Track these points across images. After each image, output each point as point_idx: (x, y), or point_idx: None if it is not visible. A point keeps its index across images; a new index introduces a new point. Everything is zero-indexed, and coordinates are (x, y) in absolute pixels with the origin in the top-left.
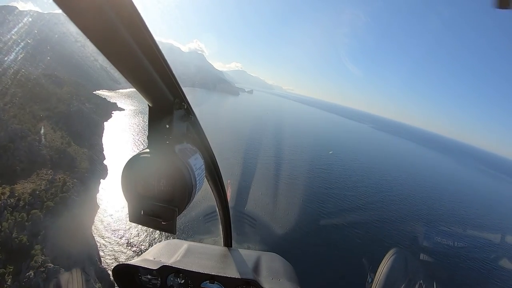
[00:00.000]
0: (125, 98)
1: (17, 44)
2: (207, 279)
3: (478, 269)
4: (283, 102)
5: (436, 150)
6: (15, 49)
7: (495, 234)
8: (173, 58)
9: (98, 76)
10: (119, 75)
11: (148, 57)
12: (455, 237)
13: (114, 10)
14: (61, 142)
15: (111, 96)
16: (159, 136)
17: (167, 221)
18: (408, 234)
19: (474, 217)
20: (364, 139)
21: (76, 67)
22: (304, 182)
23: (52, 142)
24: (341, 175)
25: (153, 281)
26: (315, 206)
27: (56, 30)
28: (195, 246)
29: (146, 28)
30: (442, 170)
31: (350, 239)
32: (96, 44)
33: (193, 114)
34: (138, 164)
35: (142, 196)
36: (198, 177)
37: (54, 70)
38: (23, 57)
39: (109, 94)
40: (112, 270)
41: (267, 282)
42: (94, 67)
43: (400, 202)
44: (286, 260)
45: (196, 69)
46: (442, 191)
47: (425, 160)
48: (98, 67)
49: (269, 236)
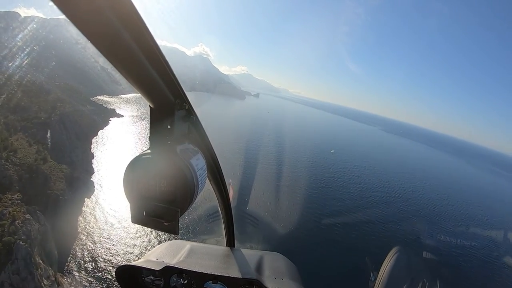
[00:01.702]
0: (125, 104)
1: (22, 51)
2: (210, 279)
3: (482, 267)
4: (290, 105)
5: (446, 151)
6: (20, 55)
7: (499, 232)
8: (178, 62)
9: (99, 80)
10: (120, 77)
11: (148, 58)
12: (458, 235)
13: (115, 12)
14: (35, 158)
15: (112, 101)
16: (160, 136)
17: (170, 222)
18: (412, 232)
19: (481, 216)
20: (372, 141)
21: (77, 72)
22: (307, 182)
23: (24, 159)
24: (346, 175)
25: (156, 282)
26: (318, 205)
27: (58, 35)
28: (198, 247)
29: (147, 29)
30: (451, 171)
31: (352, 238)
32: (97, 46)
33: (194, 114)
34: (140, 165)
35: (144, 197)
36: (200, 177)
37: (54, 76)
38: (27, 63)
39: (110, 100)
40: (115, 271)
41: (270, 282)
42: (96, 71)
43: (404, 201)
44: (289, 260)
45: (201, 73)
46: (449, 190)
47: (436, 162)
48: (99, 69)
49: (272, 235)
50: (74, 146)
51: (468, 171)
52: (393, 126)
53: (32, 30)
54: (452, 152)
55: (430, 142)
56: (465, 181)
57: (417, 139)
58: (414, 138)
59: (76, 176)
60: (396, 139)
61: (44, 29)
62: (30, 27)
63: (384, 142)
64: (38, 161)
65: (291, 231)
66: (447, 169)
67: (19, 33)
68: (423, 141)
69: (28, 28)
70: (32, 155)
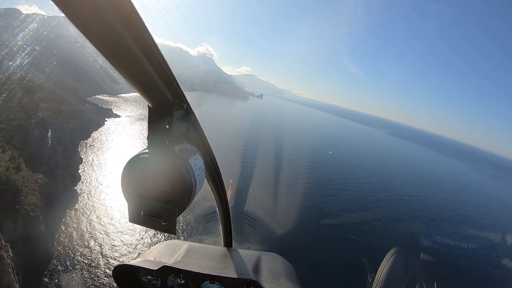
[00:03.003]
0: (124, 103)
1: (23, 50)
2: (207, 279)
3: (480, 269)
4: (293, 106)
5: (447, 154)
6: (20, 54)
7: (497, 233)
8: (181, 62)
9: (99, 79)
10: (119, 76)
11: (147, 57)
12: (456, 236)
13: (113, 11)
14: (6, 167)
15: (110, 101)
16: (158, 136)
17: (167, 222)
18: (410, 233)
19: (479, 218)
20: (372, 143)
21: (77, 71)
22: (306, 182)
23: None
24: (344, 177)
25: (154, 281)
26: (316, 206)
27: (59, 33)
28: (195, 247)
29: (145, 28)
30: (450, 173)
31: (350, 238)
32: (96, 45)
33: (192, 114)
34: (138, 164)
35: (142, 197)
36: (198, 177)
37: (53, 74)
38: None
39: (108, 99)
40: (112, 271)
41: (268, 282)
42: (95, 70)
43: (402, 202)
44: (286, 260)
45: (203, 73)
46: (448, 192)
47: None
48: (98, 68)
49: (269, 236)
50: (55, 152)
51: (468, 173)
52: (399, 129)
53: (33, 29)
54: (455, 155)
55: (433, 145)
56: (465, 183)
57: (420, 142)
58: (416, 140)
59: (54, 187)
60: (398, 142)
61: (45, 28)
62: (31, 26)
63: (385, 144)
64: (10, 170)
65: (288, 231)
66: (447, 171)
67: (20, 32)
68: (426, 144)
69: (29, 28)
70: (4, 163)
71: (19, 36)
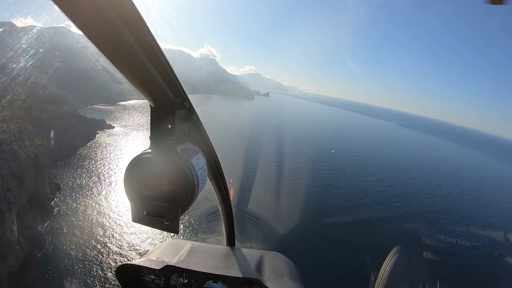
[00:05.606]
0: (121, 111)
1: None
2: (210, 278)
3: (484, 267)
4: (300, 103)
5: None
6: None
7: (501, 232)
8: (183, 65)
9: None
10: (120, 76)
11: (149, 57)
12: (460, 235)
13: (116, 11)
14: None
15: (106, 110)
16: (161, 136)
17: (170, 221)
18: (412, 232)
19: (484, 216)
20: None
21: (72, 82)
22: (309, 181)
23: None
24: (349, 174)
25: (156, 281)
26: (319, 205)
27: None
28: (198, 246)
29: (147, 29)
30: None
31: (353, 237)
32: (98, 46)
33: (195, 114)
34: (140, 164)
35: (144, 196)
36: (200, 176)
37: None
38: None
39: (104, 108)
40: (115, 270)
41: (270, 281)
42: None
43: (406, 200)
44: (289, 259)
45: (205, 75)
46: (452, 189)
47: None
48: (96, 76)
49: (272, 235)
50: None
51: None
52: (411, 120)
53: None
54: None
55: (446, 134)
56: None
57: (432, 131)
58: (429, 131)
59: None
60: (410, 133)
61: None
62: (26, 39)
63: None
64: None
65: (291, 230)
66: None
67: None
68: (438, 134)
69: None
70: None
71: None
